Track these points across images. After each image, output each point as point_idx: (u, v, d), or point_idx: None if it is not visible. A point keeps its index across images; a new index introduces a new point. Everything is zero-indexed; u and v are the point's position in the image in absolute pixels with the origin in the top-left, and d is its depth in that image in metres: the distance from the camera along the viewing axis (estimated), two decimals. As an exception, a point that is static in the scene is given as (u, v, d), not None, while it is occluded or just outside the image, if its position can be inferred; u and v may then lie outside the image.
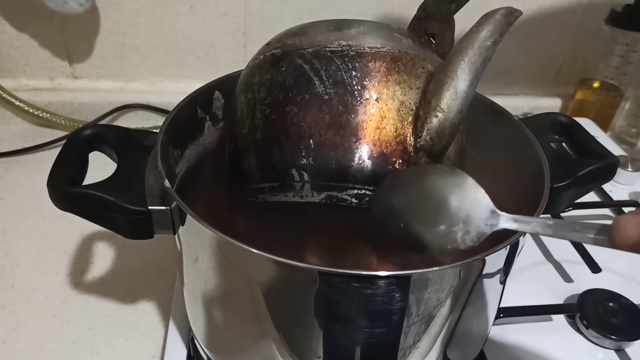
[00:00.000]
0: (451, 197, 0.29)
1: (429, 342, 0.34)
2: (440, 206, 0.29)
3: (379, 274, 0.28)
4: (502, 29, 0.32)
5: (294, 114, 0.33)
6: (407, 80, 0.33)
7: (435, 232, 0.29)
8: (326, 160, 0.32)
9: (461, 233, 0.29)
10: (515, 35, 0.79)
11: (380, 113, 0.32)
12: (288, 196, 0.33)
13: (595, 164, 0.39)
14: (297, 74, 0.33)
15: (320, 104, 0.33)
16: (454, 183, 0.30)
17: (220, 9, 0.72)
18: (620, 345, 0.46)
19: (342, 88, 0.33)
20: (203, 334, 0.39)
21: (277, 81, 0.34)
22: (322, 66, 0.33)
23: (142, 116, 0.77)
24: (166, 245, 0.53)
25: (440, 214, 0.29)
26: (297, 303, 0.31)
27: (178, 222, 0.33)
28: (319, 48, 0.34)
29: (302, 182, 0.33)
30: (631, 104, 0.80)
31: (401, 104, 0.33)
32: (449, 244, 0.29)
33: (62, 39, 0.72)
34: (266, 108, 0.34)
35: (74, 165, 0.36)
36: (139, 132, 0.39)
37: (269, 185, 0.34)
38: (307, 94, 0.33)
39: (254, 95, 0.35)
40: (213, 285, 0.33)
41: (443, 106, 0.32)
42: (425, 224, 0.29)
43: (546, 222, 0.28)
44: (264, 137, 0.34)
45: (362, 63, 0.33)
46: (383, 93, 0.33)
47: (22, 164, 0.67)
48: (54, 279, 0.52)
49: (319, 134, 0.32)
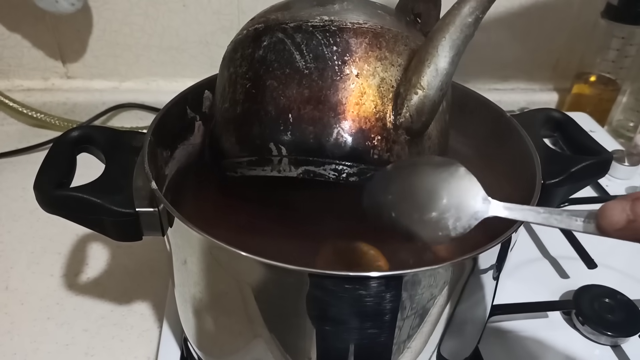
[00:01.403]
0: (444, 185, 0.29)
1: (422, 341, 0.33)
2: (432, 194, 0.29)
3: (370, 274, 0.28)
4: (483, 6, 0.32)
5: (274, 88, 0.33)
6: (389, 57, 0.33)
7: (427, 220, 0.29)
8: (304, 134, 0.32)
9: (452, 220, 0.29)
10: (511, 30, 0.78)
11: (360, 89, 0.32)
12: (266, 170, 0.33)
13: (588, 160, 0.39)
14: (278, 48, 0.33)
15: (300, 78, 0.32)
16: (446, 171, 0.30)
17: (214, 6, 0.71)
18: (616, 341, 0.46)
19: (323, 63, 0.32)
20: (194, 336, 0.39)
21: (259, 55, 0.34)
22: (303, 41, 0.33)
23: (136, 115, 0.76)
24: (160, 245, 0.52)
25: (432, 202, 0.29)
26: (288, 305, 0.31)
27: (166, 224, 0.33)
28: (301, 23, 0.34)
29: (280, 157, 0.33)
30: (628, 98, 0.80)
31: (382, 81, 0.33)
32: (440, 230, 0.29)
33: (55, 38, 0.72)
34: (247, 82, 0.34)
35: (61, 167, 0.36)
36: (128, 133, 0.39)
37: (247, 159, 0.34)
38: (288, 68, 0.33)
39: (236, 70, 0.35)
40: (202, 287, 0.33)
41: (423, 83, 0.31)
42: (417, 211, 0.29)
43: (536, 210, 0.28)
44: (243, 111, 0.34)
45: (344, 38, 0.33)
46: (364, 69, 0.33)
47: (15, 165, 0.66)
48: (48, 280, 0.52)
49: (297, 108, 0.32)
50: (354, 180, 0.32)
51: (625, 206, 0.24)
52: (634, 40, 0.74)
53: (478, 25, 0.32)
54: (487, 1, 0.32)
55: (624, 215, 0.24)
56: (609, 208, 0.24)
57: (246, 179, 0.34)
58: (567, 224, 0.27)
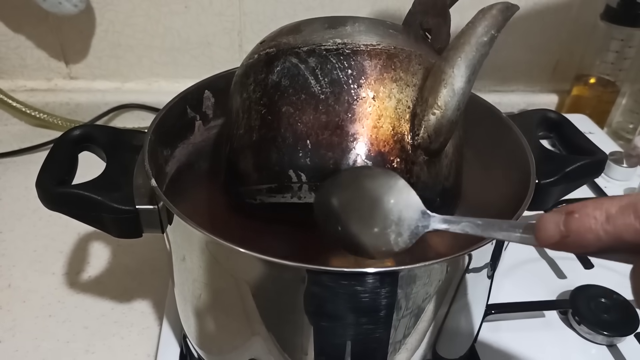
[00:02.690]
0: (384, 199, 0.29)
1: (418, 338, 0.34)
2: (373, 208, 0.29)
3: (366, 270, 0.28)
4: (498, 25, 0.31)
5: (290, 114, 0.32)
6: (404, 77, 0.33)
7: (370, 234, 0.29)
8: (323, 160, 0.32)
9: (394, 235, 0.28)
10: (511, 32, 0.78)
11: (377, 112, 0.32)
12: (286, 197, 0.33)
13: (583, 160, 0.39)
14: (292, 73, 0.33)
15: (317, 103, 0.32)
16: (386, 185, 0.29)
17: (215, 8, 0.72)
18: (612, 341, 0.46)
19: (338, 87, 0.32)
20: (194, 333, 0.39)
21: (272, 81, 0.34)
22: (318, 65, 0.33)
23: (138, 116, 0.77)
24: (161, 244, 0.52)
25: (374, 216, 0.29)
26: (286, 301, 0.31)
27: (166, 221, 0.34)
28: (314, 46, 0.33)
29: (300, 183, 0.32)
30: (628, 100, 0.80)
31: (398, 102, 0.33)
32: (383, 245, 0.29)
33: (58, 39, 0.73)
34: (262, 108, 0.34)
35: (62, 165, 0.36)
36: (129, 132, 0.39)
37: (267, 186, 0.33)
38: (303, 93, 0.33)
39: (249, 96, 0.35)
40: (201, 284, 0.34)
41: (440, 103, 0.31)
42: (361, 225, 0.29)
43: (475, 222, 0.27)
44: (260, 137, 0.34)
45: (358, 61, 0.33)
46: (380, 91, 0.32)
47: (19, 165, 0.67)
48: (50, 278, 0.52)
49: (315, 134, 0.32)
50: None
51: (559, 220, 0.23)
52: (633, 42, 0.75)
53: (493, 44, 0.31)
54: (502, 20, 0.32)
55: (557, 229, 0.23)
56: (544, 221, 0.23)
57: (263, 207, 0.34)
58: (507, 236, 0.26)
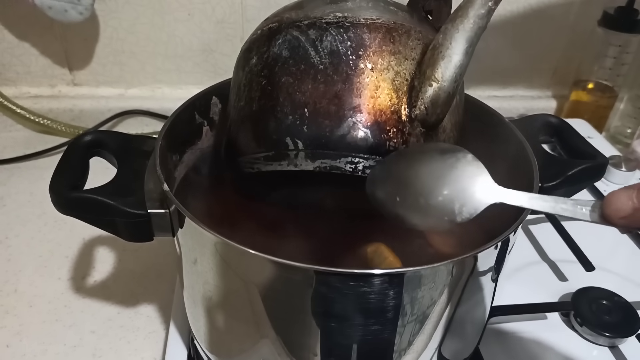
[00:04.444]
0: (450, 170, 0.29)
1: (424, 339, 0.34)
2: (439, 179, 0.29)
3: (373, 272, 0.29)
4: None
5: (289, 84, 0.33)
6: (402, 51, 0.34)
7: (432, 204, 0.29)
8: (320, 128, 0.32)
9: (458, 205, 0.29)
10: (510, 38, 0.79)
11: (374, 82, 0.33)
12: (282, 165, 0.33)
13: (584, 164, 0.39)
14: (292, 45, 0.34)
15: (315, 73, 0.33)
16: (454, 157, 0.30)
17: (218, 15, 0.73)
18: (614, 342, 0.46)
19: (337, 58, 0.33)
20: (203, 336, 0.40)
21: (274, 53, 0.34)
22: (318, 37, 0.33)
23: (141, 122, 0.77)
24: (166, 249, 0.53)
25: (438, 186, 0.29)
26: (294, 302, 0.32)
27: (177, 225, 0.34)
28: (315, 19, 0.34)
29: (297, 151, 0.33)
30: (626, 105, 0.81)
31: (396, 74, 0.33)
32: (445, 215, 0.29)
33: (62, 47, 0.73)
34: (262, 79, 0.34)
35: (75, 170, 0.37)
36: (138, 138, 0.40)
37: (264, 154, 0.34)
38: (303, 64, 0.33)
39: (251, 69, 0.36)
40: (212, 287, 0.34)
41: (437, 75, 0.32)
42: (423, 196, 0.29)
43: (543, 198, 0.28)
44: (259, 107, 0.34)
45: (357, 34, 0.33)
46: (378, 63, 0.33)
47: (23, 171, 0.67)
48: (56, 283, 0.52)
49: (313, 102, 0.33)
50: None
51: (632, 194, 0.24)
52: (630, 48, 0.76)
53: (491, 17, 0.32)
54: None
55: (629, 203, 0.24)
56: (615, 196, 0.24)
57: (260, 177, 0.35)
58: (573, 212, 0.26)
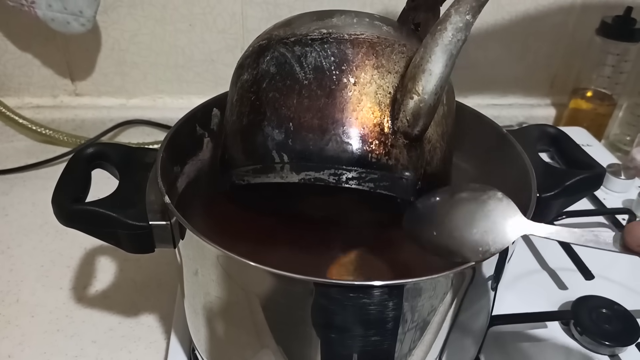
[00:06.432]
0: (483, 206, 0.32)
1: (424, 349, 0.34)
2: (473, 215, 0.32)
3: (373, 283, 0.29)
4: (474, 10, 0.32)
5: (276, 99, 0.34)
6: (386, 64, 0.34)
7: (468, 237, 0.31)
8: (304, 142, 0.33)
9: (492, 237, 0.31)
10: (509, 47, 0.80)
11: (357, 96, 0.33)
12: (270, 177, 0.34)
13: (582, 174, 0.40)
14: (279, 61, 0.35)
15: (300, 88, 0.34)
16: (485, 194, 0.32)
17: (219, 26, 0.73)
18: (614, 351, 0.46)
19: (321, 73, 0.34)
20: (204, 346, 0.40)
21: (262, 69, 0.36)
22: (303, 53, 0.35)
23: (143, 132, 0.78)
24: (167, 259, 0.53)
25: (473, 222, 0.32)
26: (295, 313, 0.32)
27: (178, 237, 0.34)
28: (301, 36, 0.35)
29: (282, 164, 0.34)
30: (624, 113, 0.82)
31: (378, 88, 0.34)
32: (480, 246, 0.31)
33: (65, 57, 0.74)
34: (252, 95, 0.36)
35: (77, 182, 0.37)
36: (140, 150, 0.40)
37: (253, 167, 0.35)
38: (288, 79, 0.34)
39: (242, 84, 0.37)
40: (213, 297, 0.34)
41: (418, 88, 0.32)
42: (458, 230, 0.32)
43: (569, 230, 0.31)
44: (248, 122, 0.35)
45: (341, 49, 0.34)
46: (360, 77, 0.34)
47: (25, 181, 0.68)
48: (57, 293, 0.52)
49: (298, 117, 0.33)
50: (354, 184, 0.33)
51: None
52: (629, 56, 0.76)
53: (470, 29, 0.33)
54: (477, 6, 0.33)
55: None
56: (635, 226, 0.28)
57: (255, 189, 0.36)
58: (596, 243, 0.29)
